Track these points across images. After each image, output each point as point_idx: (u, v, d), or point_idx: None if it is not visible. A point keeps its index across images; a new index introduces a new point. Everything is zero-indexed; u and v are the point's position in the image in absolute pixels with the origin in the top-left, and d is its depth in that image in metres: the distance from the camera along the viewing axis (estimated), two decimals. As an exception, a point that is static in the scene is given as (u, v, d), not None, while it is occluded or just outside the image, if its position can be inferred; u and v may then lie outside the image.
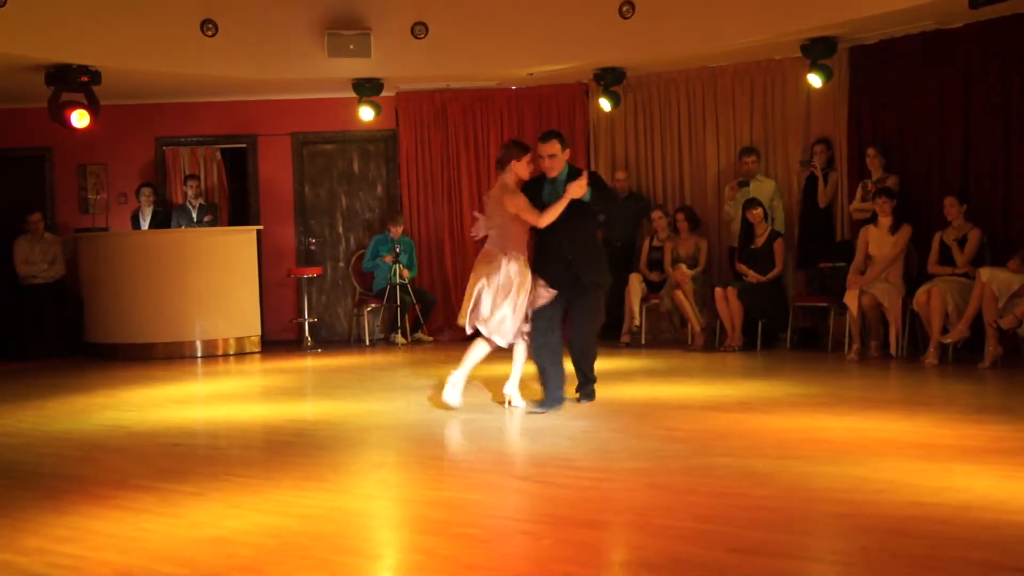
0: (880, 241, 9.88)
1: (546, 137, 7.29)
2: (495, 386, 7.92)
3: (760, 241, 10.98)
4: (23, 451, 6.50)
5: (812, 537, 4.27)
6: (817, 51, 10.89)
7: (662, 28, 11.44)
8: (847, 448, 5.76)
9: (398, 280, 12.57)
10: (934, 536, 4.06)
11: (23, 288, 12.47)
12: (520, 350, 7.46)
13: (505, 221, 7.17)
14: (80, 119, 11.35)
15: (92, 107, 11.40)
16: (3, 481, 5.64)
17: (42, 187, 13.56)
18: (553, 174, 7.25)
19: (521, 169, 7.23)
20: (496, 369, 8.11)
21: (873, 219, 10.03)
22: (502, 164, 7.28)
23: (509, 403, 7.47)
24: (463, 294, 13.25)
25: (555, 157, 7.21)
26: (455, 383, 7.36)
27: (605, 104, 12.52)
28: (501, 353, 7.49)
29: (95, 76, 11.33)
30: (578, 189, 7.00)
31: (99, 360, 11.94)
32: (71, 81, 11.25)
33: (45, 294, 12.47)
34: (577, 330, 7.59)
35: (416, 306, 12.81)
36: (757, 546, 4.01)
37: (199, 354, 12.08)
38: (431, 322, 13.20)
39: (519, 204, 7.11)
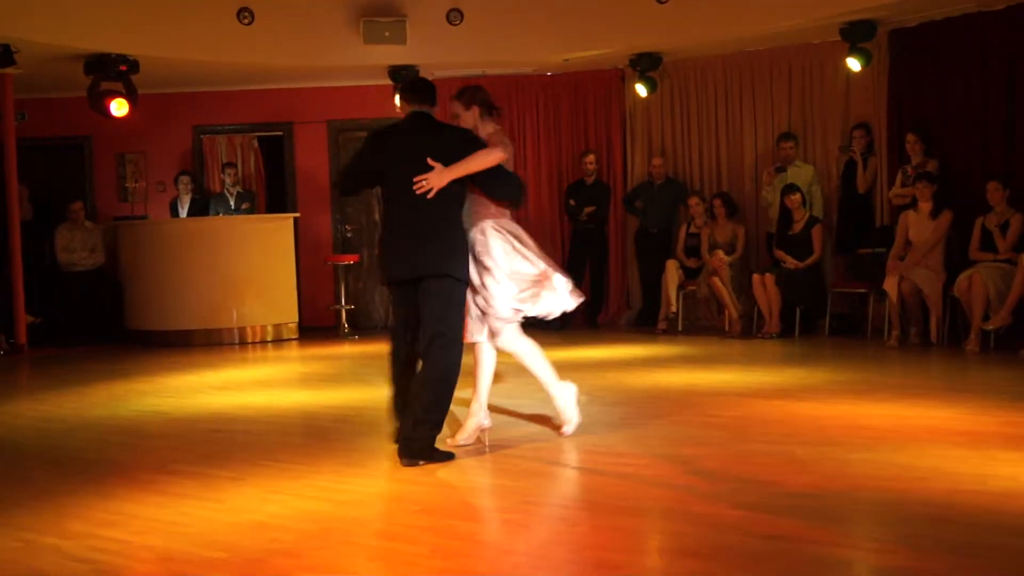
0: (920, 226, 9.78)
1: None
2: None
3: (798, 227, 10.90)
4: (65, 436, 6.57)
5: (853, 524, 4.25)
6: (856, 34, 10.78)
7: (699, 13, 11.36)
8: (887, 435, 5.71)
9: (435, 267, 12.56)
10: (976, 524, 4.03)
11: (64, 275, 12.59)
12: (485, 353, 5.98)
13: None
14: (119, 108, 11.46)
15: (130, 96, 11.50)
16: (47, 466, 5.71)
17: (82, 176, 13.68)
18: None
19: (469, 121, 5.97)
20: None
21: (913, 204, 9.93)
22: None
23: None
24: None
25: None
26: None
27: (641, 90, 12.45)
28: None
29: (133, 65, 11.42)
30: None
31: (138, 347, 12.04)
32: (109, 70, 11.35)
33: (85, 281, 12.59)
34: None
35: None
36: (798, 533, 3.99)
37: (237, 341, 12.16)
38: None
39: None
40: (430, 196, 5.40)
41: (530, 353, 6.04)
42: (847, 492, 4.60)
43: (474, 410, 5.83)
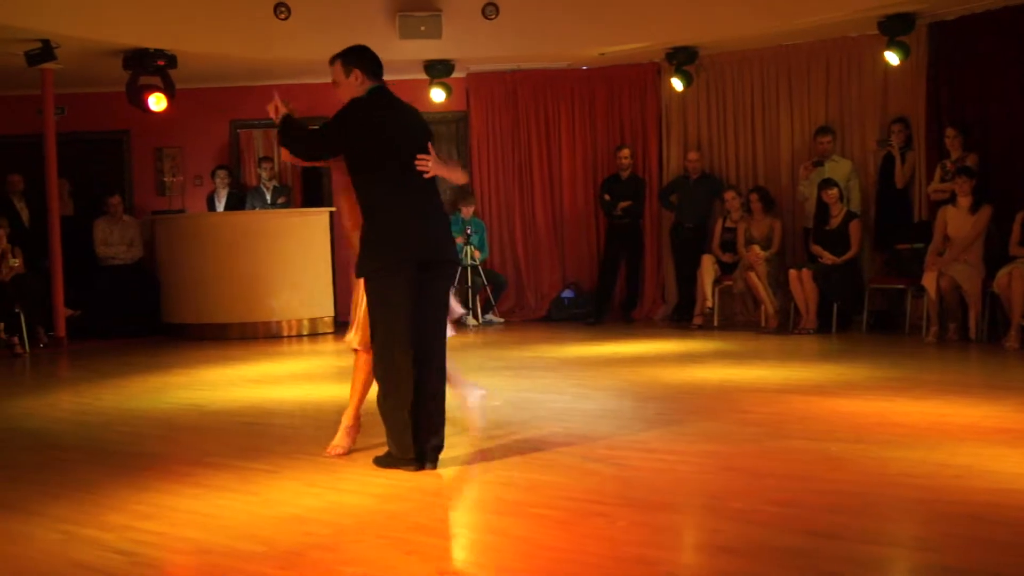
0: (959, 222, 9.68)
1: (331, 60, 5.57)
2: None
3: (835, 222, 10.82)
4: (104, 429, 6.63)
5: (891, 522, 4.22)
6: (895, 28, 10.69)
7: (735, 6, 11.30)
8: (925, 432, 5.66)
9: (469, 261, 12.60)
10: (1016, 523, 3.99)
11: (102, 269, 12.71)
12: None
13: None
14: (157, 103, 11.55)
15: (168, 91, 11.58)
16: (85, 458, 5.76)
17: (120, 170, 13.80)
18: None
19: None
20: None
21: (952, 199, 9.83)
22: None
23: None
24: (534, 275, 13.47)
25: (337, 86, 5.49)
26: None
27: (677, 84, 12.40)
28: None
29: (171, 60, 11.51)
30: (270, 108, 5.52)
31: (176, 340, 12.14)
32: (148, 65, 11.44)
33: (124, 275, 12.71)
34: None
35: (487, 287, 12.83)
36: (835, 530, 3.96)
37: (273, 334, 12.23)
38: (502, 303, 13.23)
39: None
40: (427, 177, 5.21)
41: None
42: (885, 489, 4.56)
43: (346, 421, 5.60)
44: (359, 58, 5.44)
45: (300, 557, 3.81)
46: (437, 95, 12.69)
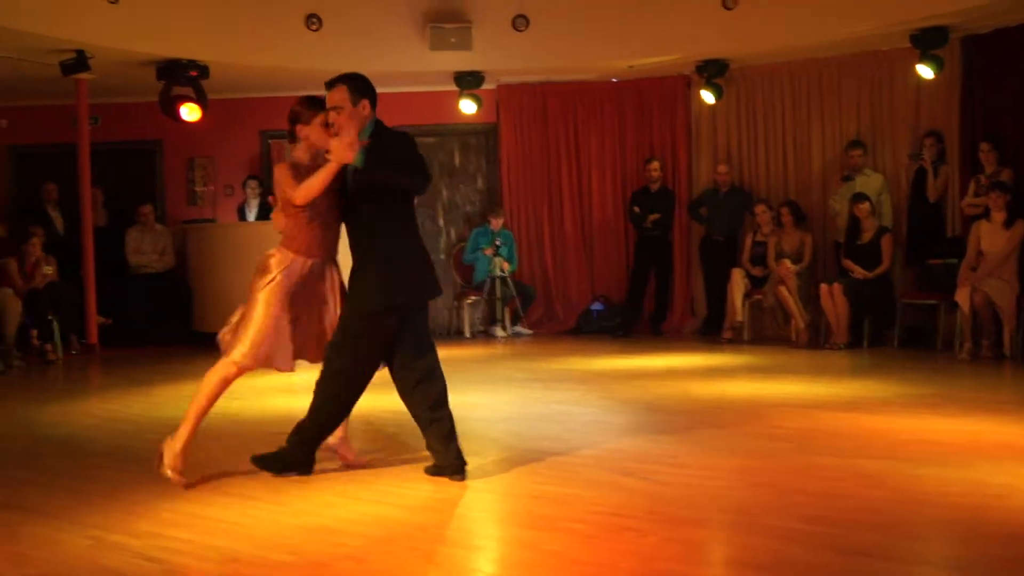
0: (993, 237, 9.60)
1: (329, 84, 5.27)
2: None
3: (867, 236, 10.74)
4: (134, 436, 6.65)
5: (925, 542, 4.17)
6: (928, 41, 10.62)
7: (766, 19, 11.26)
8: (959, 450, 5.60)
9: (498, 273, 12.59)
10: (1055, 543, 3.94)
11: (134, 277, 12.79)
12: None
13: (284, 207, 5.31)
14: (190, 113, 11.62)
15: (200, 101, 11.65)
16: (115, 465, 5.78)
17: (152, 179, 13.88)
18: (330, 140, 5.13)
19: (315, 133, 5.32)
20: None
21: (986, 214, 9.74)
22: (293, 136, 5.44)
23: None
24: (562, 287, 13.43)
25: (340, 111, 5.17)
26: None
27: (708, 96, 12.37)
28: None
29: (203, 71, 11.58)
30: (343, 149, 4.99)
31: (206, 348, 12.11)
32: (180, 76, 11.51)
33: (155, 283, 12.78)
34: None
35: (516, 299, 12.81)
36: (868, 548, 3.92)
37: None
38: (530, 315, 13.21)
39: (278, 179, 5.27)
40: None
41: None
42: (918, 508, 4.51)
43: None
44: (368, 87, 5.30)
45: (328, 568, 3.81)
46: (467, 107, 12.71)
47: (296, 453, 5.31)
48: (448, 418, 5.23)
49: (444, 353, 11.41)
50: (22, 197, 13.56)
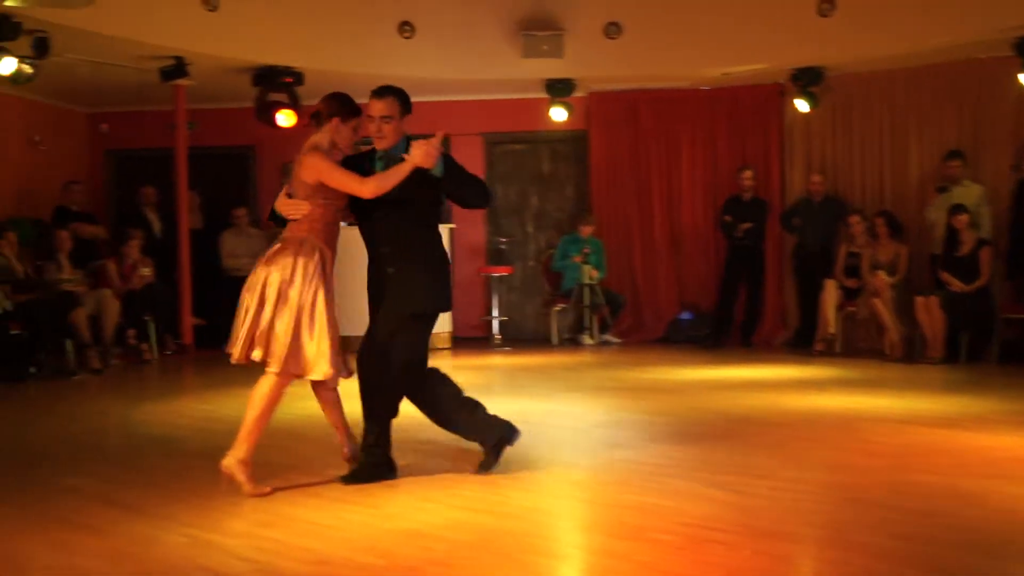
0: (1098, 251, 9.33)
1: (380, 92, 5.36)
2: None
3: (965, 249, 10.51)
4: (227, 436, 6.68)
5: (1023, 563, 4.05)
6: (1031, 49, 10.37)
7: (863, 27, 11.09)
8: (1063, 470, 5.45)
9: (587, 280, 12.56)
10: None
11: (228, 279, 12.98)
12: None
13: (307, 196, 5.30)
14: (286, 119, 11.81)
15: (295, 107, 11.83)
16: (209, 465, 5.85)
17: (246, 183, 14.13)
18: (384, 145, 5.34)
19: (345, 134, 5.35)
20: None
21: (1091, 228, 9.48)
22: (320, 119, 5.36)
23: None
24: (651, 296, 13.37)
25: (390, 121, 5.32)
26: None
27: (802, 105, 12.22)
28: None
29: (298, 77, 11.76)
30: (425, 154, 5.09)
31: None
32: (275, 82, 11.70)
33: (248, 286, 12.97)
34: (369, 352, 5.46)
35: (604, 307, 12.77)
36: (964, 569, 3.83)
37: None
38: (619, 323, 13.16)
39: (323, 167, 5.20)
40: None
41: None
42: (1016, 528, 4.39)
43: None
44: (410, 103, 5.52)
45: (418, 572, 3.83)
46: (558, 114, 12.72)
47: (374, 459, 5.36)
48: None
49: (531, 360, 11.51)
50: (121, 200, 13.91)
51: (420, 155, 5.08)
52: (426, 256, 5.40)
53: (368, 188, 5.13)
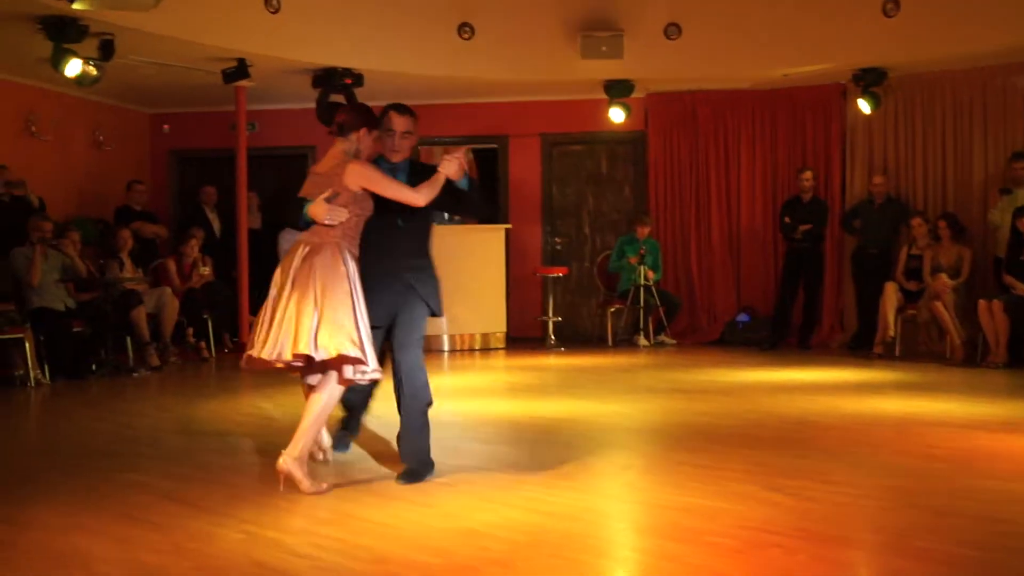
0: None
1: (402, 110, 5.64)
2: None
3: (1030, 252, 10.33)
4: (283, 434, 6.79)
5: (1094, 572, 3.97)
6: (1102, 48, 10.18)
7: (928, 27, 10.96)
8: None
9: (643, 282, 12.51)
10: None
11: (286, 279, 13.11)
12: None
13: (346, 203, 5.27)
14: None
15: (353, 108, 11.91)
16: (269, 462, 5.89)
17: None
18: (399, 158, 5.63)
19: (368, 144, 5.46)
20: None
21: None
22: (345, 129, 5.39)
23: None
24: (708, 297, 13.29)
25: (409, 136, 5.64)
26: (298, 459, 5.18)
27: (864, 106, 12.08)
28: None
29: (358, 79, 11.83)
30: (459, 167, 5.38)
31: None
32: (335, 83, 11.78)
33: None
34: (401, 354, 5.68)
35: (660, 308, 12.72)
36: (1029, 577, 3.76)
37: (446, 348, 12.41)
38: (675, 325, 13.10)
39: (373, 176, 5.26)
40: None
41: None
42: (1087, 537, 4.31)
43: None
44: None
45: (475, 571, 3.83)
46: (616, 115, 12.69)
47: (427, 457, 5.52)
48: None
49: (586, 362, 11.51)
50: (183, 200, 14.09)
51: (455, 168, 5.36)
52: (432, 260, 5.82)
53: (421, 197, 5.28)
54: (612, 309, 13.04)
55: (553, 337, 12.92)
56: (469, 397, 8.61)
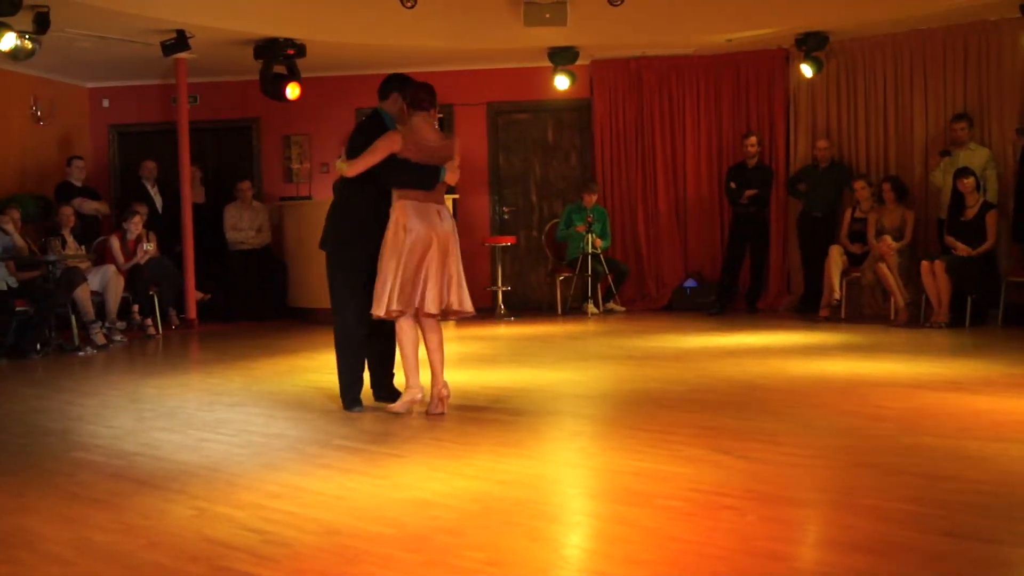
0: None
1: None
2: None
3: (971, 213, 10.47)
4: (236, 410, 6.78)
5: (1032, 524, 4.05)
6: (1039, 10, 10.28)
7: (868, -10, 11.02)
8: (1070, 432, 5.44)
9: (591, 250, 12.54)
10: None
11: (232, 253, 13.02)
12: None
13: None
14: (293, 92, 11.78)
15: (296, 79, 11.79)
16: (219, 438, 5.89)
17: (249, 156, 14.11)
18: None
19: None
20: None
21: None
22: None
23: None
24: (656, 264, 13.34)
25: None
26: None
27: (807, 70, 12.15)
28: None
29: (300, 49, 11.70)
30: (454, 170, 6.59)
31: (302, 323, 12.37)
32: (277, 54, 11.64)
33: (252, 259, 13.00)
34: None
35: (609, 276, 12.76)
36: (973, 531, 3.82)
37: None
38: (624, 292, 13.15)
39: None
40: None
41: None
42: (1025, 490, 4.39)
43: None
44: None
45: (427, 541, 3.83)
46: (561, 82, 12.66)
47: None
48: None
49: (536, 330, 11.52)
50: (124, 175, 13.89)
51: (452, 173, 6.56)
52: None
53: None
54: (561, 278, 13.07)
55: (503, 306, 12.92)
56: (423, 368, 8.56)
